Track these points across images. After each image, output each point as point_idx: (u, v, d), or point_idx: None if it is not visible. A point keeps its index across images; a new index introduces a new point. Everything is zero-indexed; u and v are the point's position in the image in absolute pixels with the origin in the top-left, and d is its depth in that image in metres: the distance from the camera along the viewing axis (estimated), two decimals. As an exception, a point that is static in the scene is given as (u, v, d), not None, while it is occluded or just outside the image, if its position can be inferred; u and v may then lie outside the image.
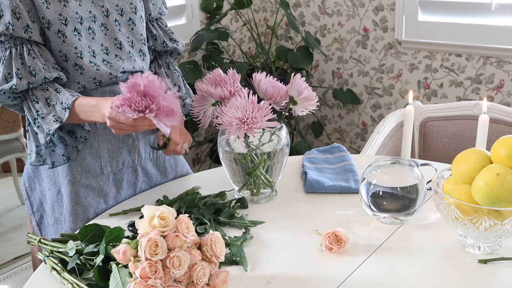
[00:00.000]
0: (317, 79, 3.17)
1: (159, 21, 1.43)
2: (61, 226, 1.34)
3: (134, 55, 1.34)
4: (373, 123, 3.05)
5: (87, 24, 1.26)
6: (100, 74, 1.27)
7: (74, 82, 1.26)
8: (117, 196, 1.37)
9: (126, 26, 1.32)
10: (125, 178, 1.37)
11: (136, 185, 1.40)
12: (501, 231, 0.98)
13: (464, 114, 1.92)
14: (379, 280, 0.99)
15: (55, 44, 1.23)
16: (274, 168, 1.28)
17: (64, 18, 1.22)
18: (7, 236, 3.10)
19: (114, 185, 1.36)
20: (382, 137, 1.88)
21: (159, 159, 1.43)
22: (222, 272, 0.96)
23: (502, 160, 0.98)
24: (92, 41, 1.27)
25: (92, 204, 1.33)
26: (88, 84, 1.27)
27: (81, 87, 1.26)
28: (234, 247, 1.07)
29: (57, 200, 1.34)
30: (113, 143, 1.33)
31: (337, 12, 2.97)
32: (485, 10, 2.49)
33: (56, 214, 1.35)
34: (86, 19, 1.25)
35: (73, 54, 1.24)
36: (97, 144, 1.32)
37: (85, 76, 1.26)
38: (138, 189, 1.40)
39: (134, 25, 1.33)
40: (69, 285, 0.97)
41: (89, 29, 1.26)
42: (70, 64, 1.25)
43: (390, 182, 1.14)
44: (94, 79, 1.27)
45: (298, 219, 1.22)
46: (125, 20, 1.32)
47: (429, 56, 2.73)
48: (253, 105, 1.15)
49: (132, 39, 1.34)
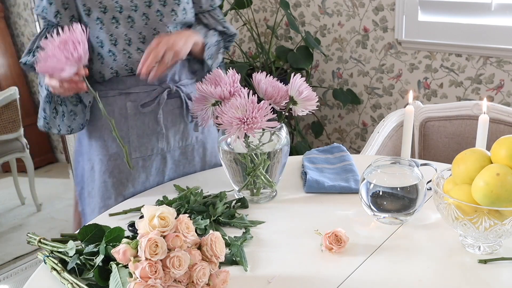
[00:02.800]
0: (317, 79, 3.17)
1: (212, 12, 1.48)
2: (92, 200, 1.45)
3: None
4: (373, 123, 3.05)
5: (127, 13, 1.31)
6: (131, 62, 1.33)
7: (107, 67, 1.34)
8: (145, 181, 1.43)
9: (168, 16, 1.36)
10: (154, 164, 1.43)
11: (164, 172, 1.45)
12: (501, 231, 0.98)
13: (464, 114, 1.92)
14: (379, 280, 0.99)
15: (93, 30, 1.30)
16: (274, 168, 1.28)
17: (104, 7, 1.29)
18: (7, 236, 3.11)
19: (143, 171, 1.42)
20: (382, 137, 1.88)
21: (187, 148, 1.47)
22: (222, 272, 0.96)
23: (502, 160, 0.98)
24: (131, 29, 1.32)
25: (118, 186, 1.41)
26: (120, 70, 1.34)
27: (113, 73, 1.34)
28: (234, 247, 1.07)
29: (91, 175, 1.44)
30: (142, 129, 1.39)
31: (337, 12, 2.97)
32: (485, 10, 2.49)
33: (89, 188, 1.45)
34: (127, 8, 1.31)
35: (108, 40, 1.31)
36: (127, 129, 1.38)
37: (118, 62, 1.33)
38: (166, 177, 1.46)
39: (176, 16, 1.37)
40: (69, 285, 0.97)
41: (128, 18, 1.31)
42: (105, 50, 1.32)
43: (390, 182, 1.14)
44: (126, 66, 1.34)
45: (298, 219, 1.22)
46: (167, 10, 1.36)
47: (429, 56, 2.73)
48: (253, 105, 1.15)
49: (172, 30, 1.37)
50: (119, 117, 1.36)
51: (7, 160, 3.22)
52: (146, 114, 1.38)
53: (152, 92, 1.37)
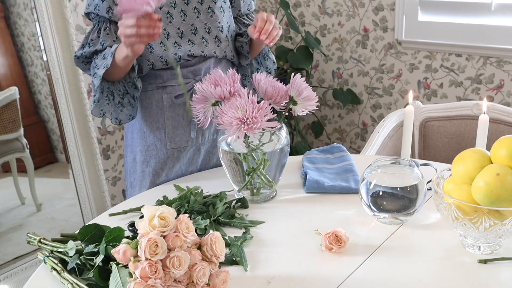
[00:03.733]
0: (317, 79, 3.17)
1: (249, 15, 1.60)
2: (133, 190, 1.53)
3: (207, 40, 1.45)
4: (373, 123, 3.05)
5: (166, 9, 1.40)
6: (166, 54, 1.40)
7: (145, 59, 1.40)
8: (178, 171, 1.50)
9: (205, 13, 1.44)
10: (188, 155, 1.49)
11: (197, 162, 1.52)
12: (501, 231, 0.98)
13: (464, 114, 1.92)
14: (379, 280, 0.99)
15: None
16: (274, 168, 1.28)
17: None
18: (7, 236, 3.11)
19: (177, 161, 1.47)
20: (382, 137, 1.88)
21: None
22: (222, 272, 0.96)
23: (502, 160, 0.98)
24: (169, 24, 1.40)
25: (152, 174, 1.48)
26: (156, 62, 1.40)
27: (150, 65, 1.41)
28: (234, 247, 1.07)
29: (133, 166, 1.52)
30: (177, 121, 1.46)
31: (337, 12, 2.97)
32: (485, 10, 2.49)
33: (131, 179, 1.54)
34: (166, 5, 1.40)
35: None
36: (163, 120, 1.45)
37: (154, 54, 1.40)
38: (198, 167, 1.52)
39: (213, 13, 1.44)
40: (69, 285, 0.97)
41: (167, 13, 1.40)
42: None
43: (390, 182, 1.14)
44: (161, 58, 1.40)
45: (298, 219, 1.22)
46: (204, 8, 1.44)
47: (429, 56, 2.73)
48: (253, 105, 1.15)
49: (210, 26, 1.45)
50: (156, 109, 1.45)
51: (7, 160, 3.22)
52: (181, 105, 1.44)
53: (187, 85, 1.42)
